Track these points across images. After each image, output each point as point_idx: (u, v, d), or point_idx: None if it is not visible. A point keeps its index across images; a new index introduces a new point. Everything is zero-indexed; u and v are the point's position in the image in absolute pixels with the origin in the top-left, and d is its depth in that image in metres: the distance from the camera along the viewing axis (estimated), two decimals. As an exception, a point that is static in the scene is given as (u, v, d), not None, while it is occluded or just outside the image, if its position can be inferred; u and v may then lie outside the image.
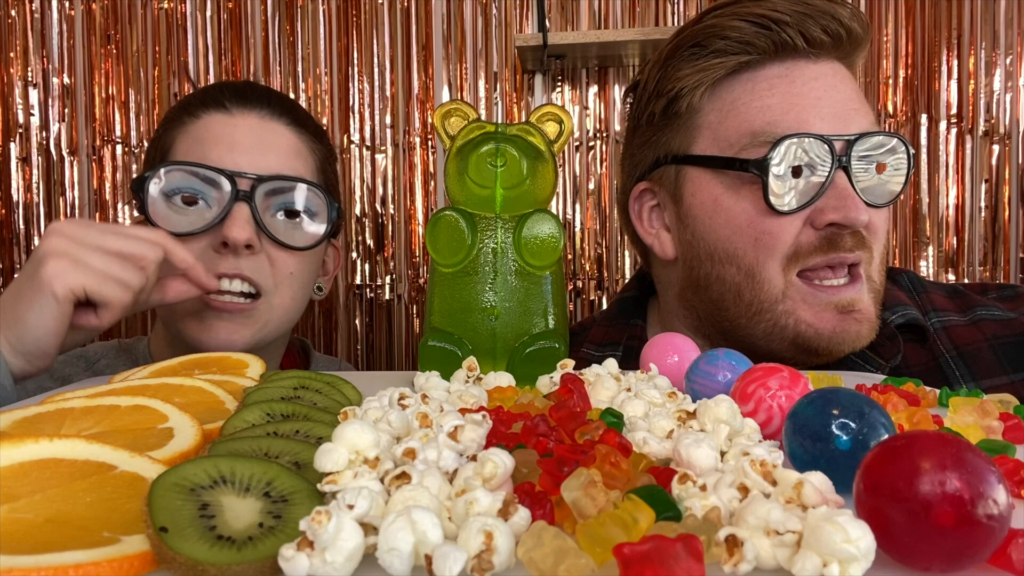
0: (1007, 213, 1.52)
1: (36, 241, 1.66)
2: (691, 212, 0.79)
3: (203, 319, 0.82)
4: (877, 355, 0.78)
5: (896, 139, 0.74)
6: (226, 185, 0.80)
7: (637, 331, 0.90)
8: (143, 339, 0.98)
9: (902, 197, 1.53)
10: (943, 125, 1.53)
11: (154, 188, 0.81)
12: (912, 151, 0.75)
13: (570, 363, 0.52)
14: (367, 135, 1.62)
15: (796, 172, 0.72)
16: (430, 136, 1.61)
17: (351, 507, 0.26)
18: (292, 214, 0.85)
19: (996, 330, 0.80)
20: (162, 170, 0.81)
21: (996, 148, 1.52)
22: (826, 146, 0.71)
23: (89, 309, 0.70)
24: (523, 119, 1.07)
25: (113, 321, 0.70)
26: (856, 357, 0.78)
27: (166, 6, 1.63)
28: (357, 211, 1.62)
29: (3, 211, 1.65)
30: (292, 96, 1.62)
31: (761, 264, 0.74)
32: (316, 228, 0.86)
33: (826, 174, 0.71)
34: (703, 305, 0.81)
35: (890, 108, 1.54)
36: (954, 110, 1.52)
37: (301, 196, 0.84)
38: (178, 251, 0.73)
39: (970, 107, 1.52)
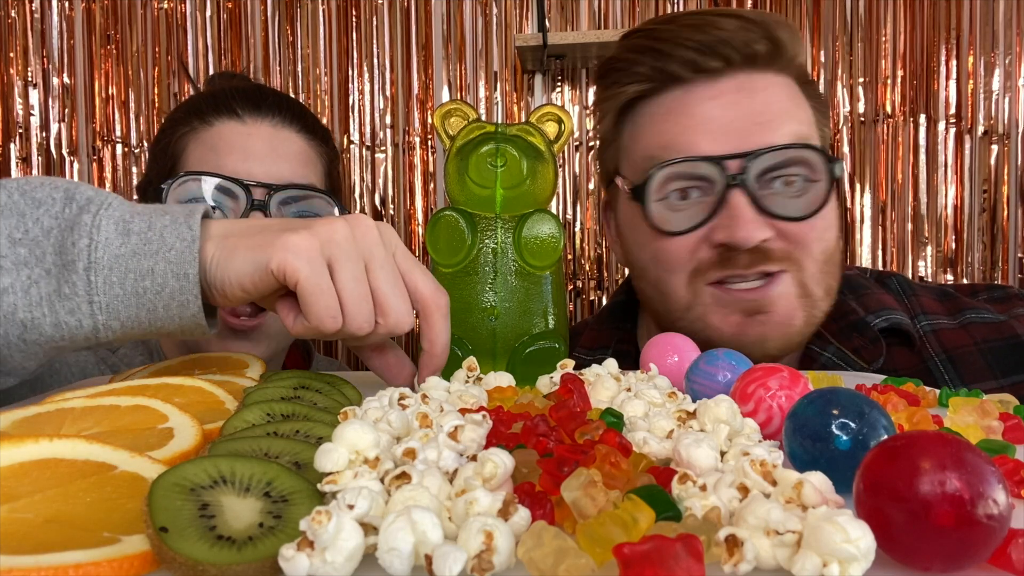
0: (1006, 213, 1.52)
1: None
2: (621, 228, 0.84)
3: (222, 339, 0.82)
4: (859, 358, 0.78)
5: (805, 150, 0.72)
6: (242, 195, 0.80)
7: (627, 335, 0.91)
8: None
9: (898, 200, 1.53)
10: (942, 125, 1.53)
11: (171, 197, 0.81)
12: (834, 158, 0.73)
13: (570, 363, 0.52)
14: (367, 135, 1.62)
15: (684, 194, 0.74)
16: (430, 136, 1.61)
17: (351, 507, 0.26)
18: None
19: (986, 334, 0.80)
20: (178, 180, 0.81)
21: (995, 148, 1.52)
22: (714, 166, 0.71)
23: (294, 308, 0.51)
24: (523, 119, 1.07)
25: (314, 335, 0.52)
26: (838, 359, 0.78)
27: (166, 6, 1.63)
28: (357, 211, 1.62)
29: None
30: (292, 96, 1.63)
31: (663, 280, 0.77)
32: None
33: (718, 193, 0.71)
34: (648, 309, 0.86)
35: (889, 108, 1.54)
36: (953, 110, 1.53)
37: (313, 205, 0.86)
38: (441, 330, 0.52)
39: (969, 107, 1.52)
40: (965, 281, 1.53)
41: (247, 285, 0.48)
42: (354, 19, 1.61)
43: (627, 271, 1.00)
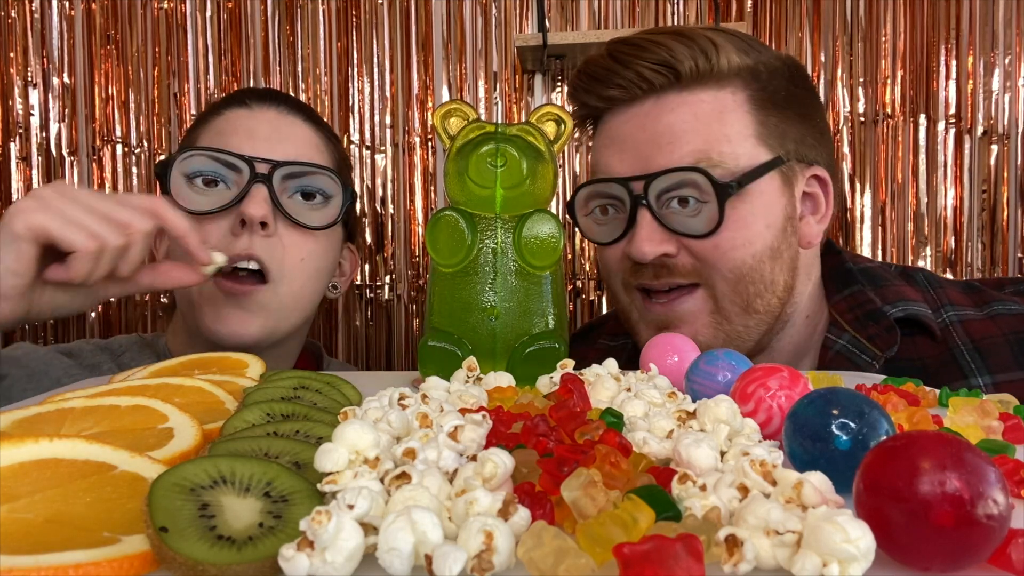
0: (1005, 213, 1.52)
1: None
2: None
3: (216, 307, 0.83)
4: (874, 345, 0.79)
5: (691, 172, 0.74)
6: (245, 168, 0.83)
7: None
8: (162, 335, 0.99)
9: (897, 200, 1.53)
10: (941, 125, 1.53)
11: (176, 170, 0.83)
12: (722, 183, 0.73)
13: (570, 363, 0.52)
14: (367, 135, 1.62)
15: (604, 210, 0.82)
16: (430, 136, 1.61)
17: (351, 507, 0.26)
18: (308, 196, 0.88)
19: (1013, 325, 0.81)
20: (184, 154, 0.84)
21: (995, 148, 1.52)
22: (622, 186, 0.77)
23: (59, 263, 0.66)
24: (523, 119, 1.07)
25: (84, 277, 0.66)
26: (852, 347, 0.80)
27: (166, 6, 1.63)
28: (357, 211, 1.62)
29: (3, 211, 1.65)
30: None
31: (611, 285, 0.85)
32: (331, 211, 0.89)
33: (627, 211, 0.77)
34: None
35: (888, 108, 1.54)
36: (952, 110, 1.53)
37: (317, 181, 0.87)
38: (172, 217, 0.70)
39: (969, 107, 1.52)
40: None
41: (13, 266, 0.60)
42: (354, 19, 1.61)
43: None
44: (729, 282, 0.76)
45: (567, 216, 0.92)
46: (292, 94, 1.61)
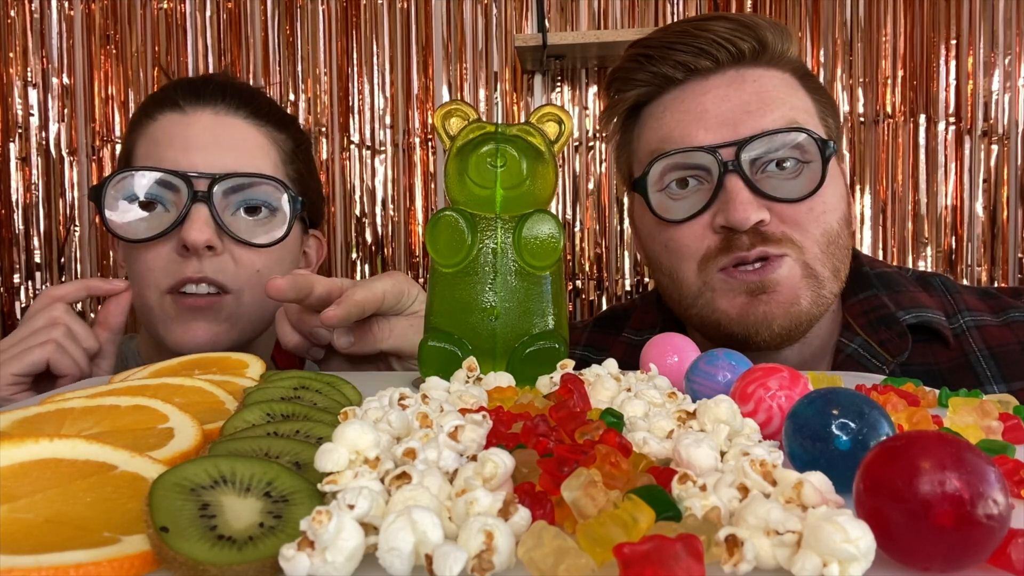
0: (1005, 213, 1.52)
1: (35, 241, 1.65)
2: (636, 225, 0.90)
3: (180, 320, 0.81)
4: (885, 351, 0.80)
5: (794, 132, 0.75)
6: (182, 187, 0.79)
7: (671, 314, 0.94)
8: (133, 337, 0.98)
9: (898, 200, 1.53)
10: (941, 125, 1.53)
11: (111, 197, 0.80)
12: (821, 136, 0.76)
13: (570, 363, 0.52)
14: (367, 136, 1.62)
15: (682, 183, 0.78)
16: (430, 137, 1.61)
17: (351, 507, 0.26)
18: (252, 211, 0.83)
19: None
20: (116, 177, 0.80)
21: (995, 148, 1.52)
22: (708, 155, 0.75)
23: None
24: (523, 119, 1.07)
25: (74, 369, 0.75)
26: (864, 351, 0.80)
27: (165, 6, 1.63)
28: (357, 211, 1.62)
29: (3, 211, 1.65)
30: (292, 96, 1.62)
31: (675, 267, 0.81)
32: (278, 223, 0.84)
33: (715, 180, 0.75)
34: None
35: (889, 108, 1.54)
36: (953, 110, 1.53)
37: (260, 192, 0.83)
38: (70, 290, 0.77)
39: (968, 107, 1.52)
40: (965, 282, 1.53)
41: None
42: (354, 19, 1.61)
43: (627, 270, 1.03)
44: (821, 246, 0.76)
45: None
46: (292, 94, 1.61)
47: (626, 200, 0.97)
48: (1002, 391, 0.78)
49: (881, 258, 1.55)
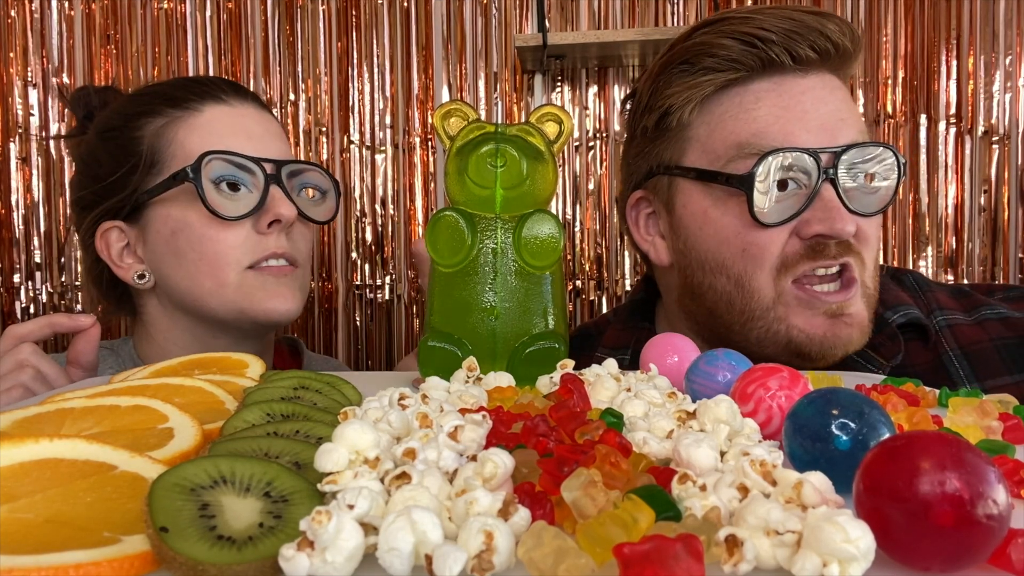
0: (1006, 214, 1.52)
1: (36, 241, 1.66)
2: (682, 222, 0.80)
3: (266, 288, 0.86)
4: (879, 355, 0.79)
5: (884, 148, 0.75)
6: (258, 171, 0.84)
7: (645, 334, 0.90)
8: (129, 339, 0.98)
9: (898, 200, 1.53)
10: (942, 125, 1.53)
11: (204, 178, 0.83)
12: (903, 160, 0.76)
13: (570, 363, 0.52)
14: (367, 135, 1.62)
15: (782, 185, 0.73)
16: (430, 136, 1.61)
17: (351, 507, 0.26)
18: (309, 192, 0.93)
19: (1001, 331, 0.81)
20: (208, 159, 0.83)
21: (996, 149, 1.52)
22: (812, 159, 0.71)
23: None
24: (523, 119, 1.07)
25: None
26: (858, 357, 0.79)
27: (166, 6, 1.63)
28: (357, 211, 1.62)
29: (3, 211, 1.65)
30: (292, 96, 1.63)
31: (750, 274, 0.76)
32: (330, 204, 0.94)
33: (812, 186, 0.72)
34: (699, 311, 0.83)
35: (889, 108, 1.54)
36: (953, 110, 1.53)
37: (312, 177, 0.92)
38: (39, 330, 0.78)
39: (969, 107, 1.52)
40: (966, 281, 1.53)
41: None
42: (354, 19, 1.61)
43: (644, 269, 0.99)
44: (872, 260, 0.77)
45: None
46: (292, 94, 1.62)
47: (628, 199, 0.89)
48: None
49: (881, 259, 1.56)
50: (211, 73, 1.63)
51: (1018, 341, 0.80)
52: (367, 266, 1.63)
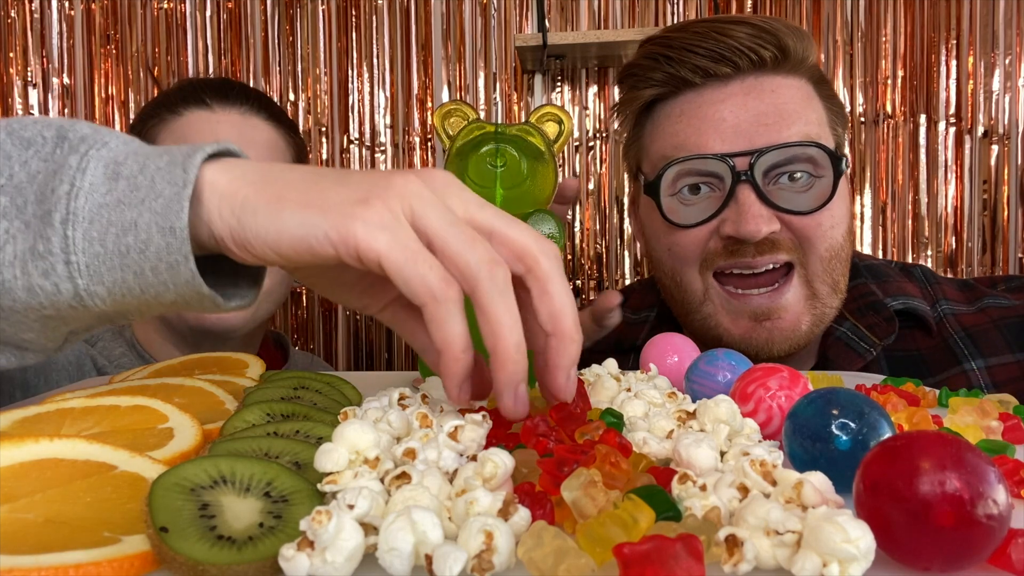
0: (1006, 214, 1.52)
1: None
2: (642, 221, 0.89)
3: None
4: (873, 334, 0.82)
5: (809, 146, 0.75)
6: None
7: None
8: (127, 328, 0.99)
9: (898, 200, 1.54)
10: (942, 125, 1.53)
11: None
12: (842, 155, 0.77)
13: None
14: (367, 135, 1.62)
15: (694, 189, 0.78)
16: (430, 136, 1.61)
17: (351, 507, 0.26)
18: None
19: (1002, 314, 0.84)
20: None
21: (995, 148, 1.52)
22: (722, 163, 0.75)
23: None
24: (523, 119, 1.07)
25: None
26: (852, 335, 0.82)
27: (166, 6, 1.63)
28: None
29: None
30: (292, 96, 1.62)
31: (679, 271, 0.82)
32: None
33: (727, 189, 0.75)
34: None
35: (889, 108, 1.54)
36: (953, 110, 1.53)
37: None
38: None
39: (969, 107, 1.52)
40: (965, 281, 1.53)
41: (286, 249, 0.37)
42: (354, 19, 1.61)
43: (627, 270, 1.02)
44: (824, 261, 0.77)
45: (636, 186, 0.89)
46: (292, 94, 1.61)
47: (627, 194, 0.95)
48: (980, 366, 0.81)
49: (881, 258, 1.56)
50: (211, 73, 1.63)
51: (1018, 320, 0.83)
52: (367, 266, 1.63)
